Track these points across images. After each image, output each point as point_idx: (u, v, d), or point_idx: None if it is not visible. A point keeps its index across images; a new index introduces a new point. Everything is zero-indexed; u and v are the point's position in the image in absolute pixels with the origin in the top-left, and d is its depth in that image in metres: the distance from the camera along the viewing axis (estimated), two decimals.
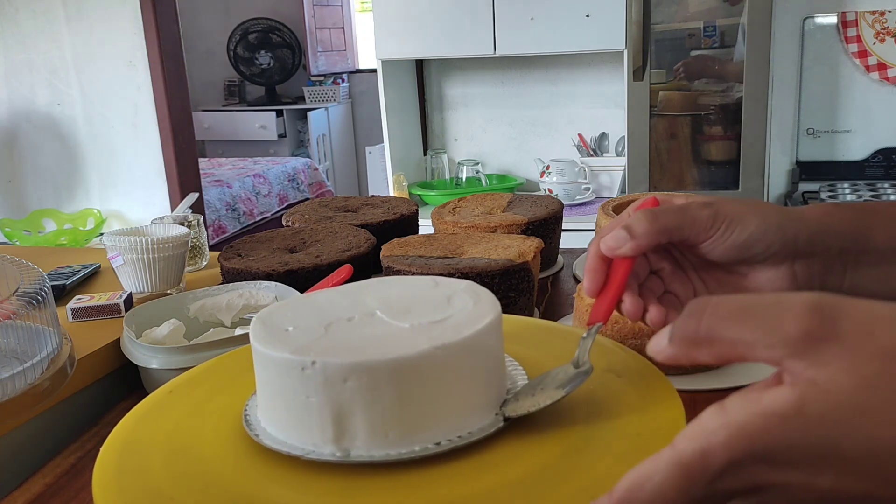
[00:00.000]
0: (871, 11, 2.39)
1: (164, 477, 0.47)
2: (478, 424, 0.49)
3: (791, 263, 0.53)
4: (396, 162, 2.79)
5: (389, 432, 0.46)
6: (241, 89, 5.53)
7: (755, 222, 0.52)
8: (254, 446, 0.50)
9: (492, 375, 0.50)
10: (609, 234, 0.52)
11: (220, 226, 3.75)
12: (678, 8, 2.40)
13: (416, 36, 2.55)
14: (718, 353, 0.37)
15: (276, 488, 0.46)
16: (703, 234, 0.52)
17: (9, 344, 0.72)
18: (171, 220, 1.17)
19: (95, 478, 0.48)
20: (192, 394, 0.58)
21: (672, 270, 0.55)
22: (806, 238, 0.52)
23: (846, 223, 0.53)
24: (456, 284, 0.56)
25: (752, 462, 0.34)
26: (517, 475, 0.45)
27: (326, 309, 0.54)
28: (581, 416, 0.50)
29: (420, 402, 0.46)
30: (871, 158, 2.48)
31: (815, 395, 0.33)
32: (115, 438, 0.53)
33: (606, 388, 0.54)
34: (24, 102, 2.74)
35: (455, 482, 0.45)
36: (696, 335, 0.37)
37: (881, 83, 2.42)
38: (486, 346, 0.49)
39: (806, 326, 0.34)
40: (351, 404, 0.46)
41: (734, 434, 0.34)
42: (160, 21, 2.54)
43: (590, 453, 0.46)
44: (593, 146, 2.78)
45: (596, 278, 0.52)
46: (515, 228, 1.09)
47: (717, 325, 0.36)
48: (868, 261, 0.53)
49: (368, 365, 0.45)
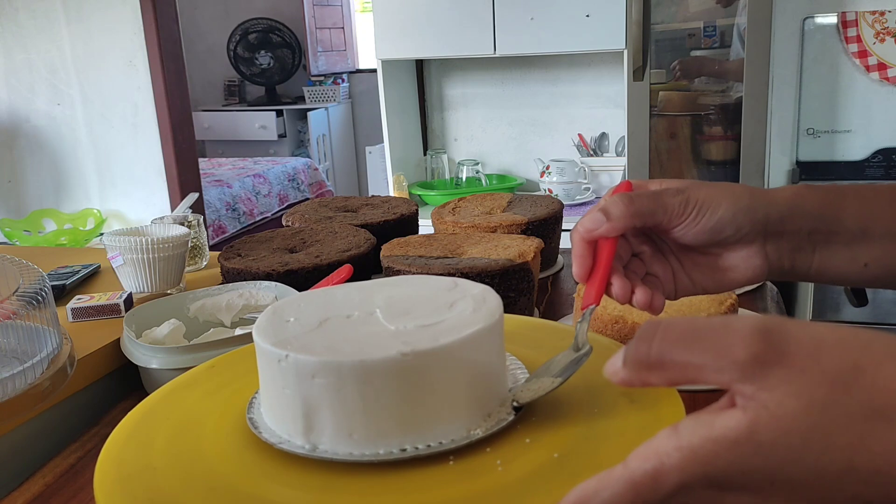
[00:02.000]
0: (871, 11, 2.39)
1: (166, 477, 0.47)
2: (452, 434, 0.47)
3: (762, 243, 0.55)
4: (396, 162, 2.79)
5: (354, 432, 0.46)
6: (241, 89, 5.53)
7: (725, 206, 0.53)
8: (256, 445, 0.50)
9: (474, 385, 0.49)
10: (586, 217, 0.54)
11: (220, 226, 3.75)
12: (678, 8, 2.40)
13: (416, 36, 2.55)
14: (669, 376, 0.37)
15: (278, 487, 0.46)
16: (675, 219, 0.54)
17: (9, 344, 0.72)
18: (171, 220, 1.17)
19: (97, 479, 0.48)
20: (193, 394, 0.58)
21: (652, 253, 0.57)
22: (776, 219, 0.54)
23: (816, 204, 0.54)
24: (471, 289, 0.55)
25: (704, 486, 0.35)
26: (518, 475, 0.45)
27: (334, 304, 0.54)
28: (581, 416, 0.50)
29: (386, 405, 0.46)
30: (871, 158, 2.48)
31: (766, 421, 0.34)
32: (116, 438, 0.53)
33: (607, 387, 0.54)
34: (24, 102, 2.74)
35: (455, 482, 0.45)
36: (648, 359, 0.38)
37: (881, 83, 2.42)
38: (467, 355, 0.48)
39: (753, 350, 0.35)
40: (319, 401, 0.46)
41: (687, 457, 0.34)
42: (160, 21, 2.54)
43: (590, 453, 0.46)
44: (593, 146, 2.78)
45: (584, 263, 0.54)
46: (515, 228, 1.09)
47: (668, 349, 0.37)
48: (837, 241, 0.54)
49: (335, 365, 0.46)
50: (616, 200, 0.53)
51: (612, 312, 0.78)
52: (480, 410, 0.49)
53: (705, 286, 0.57)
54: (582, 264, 0.53)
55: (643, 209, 0.53)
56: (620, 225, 0.53)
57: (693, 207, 0.53)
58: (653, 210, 0.53)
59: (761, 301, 1.05)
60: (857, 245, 0.54)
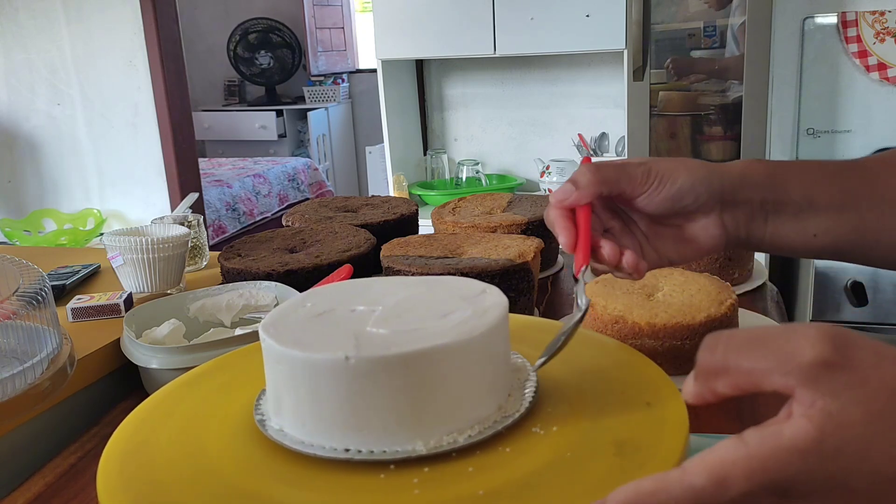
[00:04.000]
0: (871, 11, 2.39)
1: (168, 476, 0.47)
2: (474, 425, 0.48)
3: (719, 213, 0.59)
4: (396, 162, 2.79)
5: (401, 423, 0.47)
6: (241, 89, 5.53)
7: (683, 176, 0.57)
8: (260, 445, 0.50)
9: (486, 377, 0.49)
10: (558, 190, 0.58)
11: (220, 226, 3.75)
12: (678, 8, 2.40)
13: (416, 36, 2.55)
14: (734, 381, 0.38)
15: (281, 486, 0.46)
16: (638, 188, 0.58)
17: (9, 344, 0.72)
18: (171, 220, 1.17)
19: (100, 479, 0.48)
20: (194, 394, 0.58)
21: (621, 228, 0.61)
22: (730, 189, 0.58)
23: (762, 176, 0.58)
24: (474, 289, 0.55)
25: (768, 493, 0.36)
26: (518, 475, 0.45)
27: (343, 298, 0.55)
28: (582, 416, 0.50)
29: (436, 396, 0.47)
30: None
31: (831, 430, 0.35)
32: (118, 438, 0.53)
33: (607, 387, 0.54)
34: (24, 102, 2.74)
35: (455, 482, 0.45)
36: (713, 366, 0.39)
37: (881, 83, 2.42)
38: (480, 350, 0.48)
39: (821, 353, 0.36)
40: (368, 399, 0.47)
41: (755, 466, 0.35)
42: (160, 21, 2.54)
43: (590, 453, 0.46)
44: (593, 146, 2.78)
45: (569, 233, 0.57)
46: (515, 228, 1.09)
47: (732, 355, 0.38)
48: (786, 211, 0.58)
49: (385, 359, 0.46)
50: (583, 170, 0.58)
51: (612, 312, 0.78)
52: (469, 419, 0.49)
53: (670, 257, 0.61)
54: (567, 234, 0.57)
55: (609, 177, 0.57)
56: (589, 192, 0.57)
57: (655, 177, 0.57)
58: (617, 178, 0.57)
59: (761, 301, 1.04)
60: (805, 216, 0.58)
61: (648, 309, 0.79)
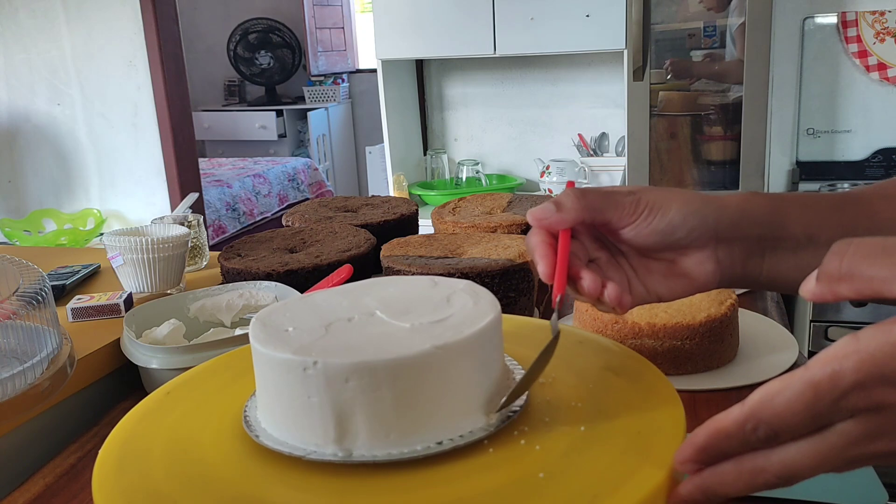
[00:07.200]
0: (871, 11, 2.39)
1: (164, 478, 0.47)
2: (478, 423, 0.49)
3: (714, 248, 0.55)
4: (396, 162, 2.79)
5: (391, 432, 0.46)
6: (241, 89, 5.53)
7: (675, 208, 0.54)
8: (254, 447, 0.50)
9: (492, 374, 0.50)
10: (538, 207, 0.55)
11: (220, 226, 3.75)
12: (678, 8, 2.40)
13: (416, 36, 2.55)
14: (857, 288, 0.40)
15: (276, 489, 0.46)
16: (626, 218, 0.54)
17: (9, 344, 0.72)
18: (171, 220, 1.17)
19: (95, 478, 0.48)
20: (192, 394, 0.58)
21: (607, 259, 0.57)
22: (727, 224, 0.55)
23: (762, 211, 0.55)
24: (455, 284, 0.56)
25: (878, 384, 0.37)
26: (518, 475, 0.45)
27: (326, 309, 0.54)
28: (581, 416, 0.50)
29: (421, 401, 0.46)
30: (871, 158, 2.48)
31: None
32: (115, 439, 0.53)
33: (606, 387, 0.54)
34: (24, 102, 2.74)
35: (456, 482, 0.45)
36: (839, 272, 0.40)
37: (881, 83, 2.42)
38: (487, 345, 0.49)
39: None
40: (352, 404, 0.46)
41: (865, 359, 0.37)
42: (160, 21, 2.54)
43: (590, 453, 0.46)
44: (593, 146, 2.78)
45: (548, 262, 0.53)
46: (515, 228, 1.09)
47: (858, 263, 0.40)
48: (784, 247, 0.56)
49: (370, 365, 0.45)
50: (568, 193, 0.54)
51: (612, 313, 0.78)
52: (499, 396, 0.50)
53: (660, 293, 0.57)
54: (546, 262, 0.53)
55: (594, 204, 0.54)
56: (571, 217, 0.53)
57: (644, 207, 0.54)
58: (603, 206, 0.54)
59: (761, 301, 1.05)
60: (804, 252, 0.56)
61: (648, 309, 0.79)
